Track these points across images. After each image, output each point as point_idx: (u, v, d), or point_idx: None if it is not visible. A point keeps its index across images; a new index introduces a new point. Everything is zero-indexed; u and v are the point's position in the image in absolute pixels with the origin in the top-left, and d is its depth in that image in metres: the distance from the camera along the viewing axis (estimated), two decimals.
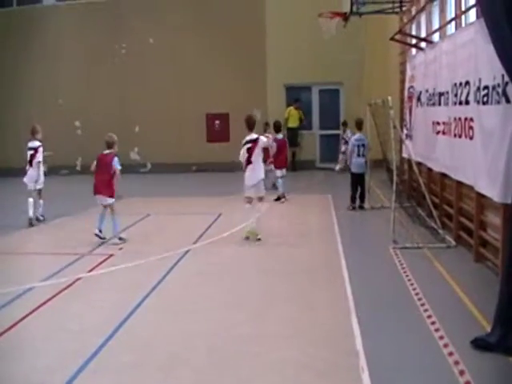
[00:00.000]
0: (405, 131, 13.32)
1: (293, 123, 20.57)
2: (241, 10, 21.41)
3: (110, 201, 10.13)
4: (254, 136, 9.95)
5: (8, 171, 19.88)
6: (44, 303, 6.72)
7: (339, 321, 5.89)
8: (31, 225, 11.75)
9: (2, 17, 23.35)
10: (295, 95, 21.47)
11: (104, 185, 10.15)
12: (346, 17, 15.43)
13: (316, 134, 21.57)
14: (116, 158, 10.25)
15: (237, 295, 6.96)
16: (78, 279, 7.71)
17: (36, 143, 12.25)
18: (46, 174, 12.76)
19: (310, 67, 20.61)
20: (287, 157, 15.19)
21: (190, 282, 7.57)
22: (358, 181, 12.49)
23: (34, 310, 6.47)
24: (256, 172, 9.83)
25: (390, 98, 9.99)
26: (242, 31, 21.33)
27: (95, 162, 10.40)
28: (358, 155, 12.54)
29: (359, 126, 12.80)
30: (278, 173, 13.99)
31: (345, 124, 19.65)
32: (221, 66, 21.46)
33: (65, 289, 7.28)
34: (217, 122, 22.15)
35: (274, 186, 14.24)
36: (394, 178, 9.71)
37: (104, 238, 9.97)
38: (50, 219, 12.30)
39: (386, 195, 12.50)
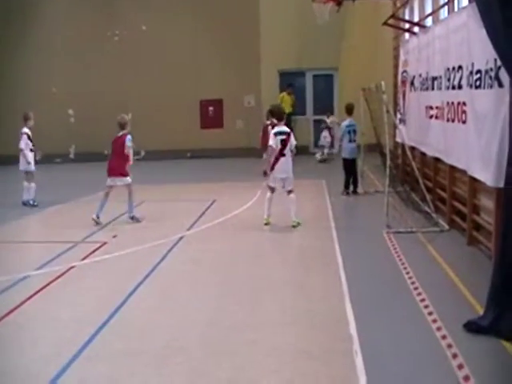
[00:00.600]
0: (398, 116, 13.32)
1: (286, 109, 20.25)
2: None
3: (128, 180, 10.43)
4: (286, 129, 9.94)
5: (5, 158, 19.77)
6: (38, 292, 6.72)
7: (333, 306, 5.91)
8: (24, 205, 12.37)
9: None
10: (289, 81, 21.37)
11: (120, 166, 10.44)
12: (339, 2, 15.33)
13: (310, 119, 21.54)
14: (129, 137, 10.53)
15: (231, 282, 6.97)
16: (72, 267, 7.70)
17: (23, 130, 12.57)
18: (36, 162, 12.83)
19: (304, 53, 20.56)
20: None
21: (184, 269, 7.57)
22: (350, 166, 12.49)
23: (28, 299, 6.46)
24: (289, 165, 9.82)
25: (383, 82, 9.97)
26: (236, 17, 21.21)
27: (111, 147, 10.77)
28: (350, 140, 12.51)
29: (349, 111, 12.74)
30: None
31: (330, 111, 19.68)
32: (214, 53, 21.38)
33: (59, 277, 7.28)
34: (211, 108, 22.10)
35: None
36: (387, 162, 9.71)
37: (101, 224, 10.16)
38: (44, 207, 12.27)
39: (380, 180, 12.50)
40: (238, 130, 21.72)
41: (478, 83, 7.26)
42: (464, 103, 7.94)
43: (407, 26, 12.98)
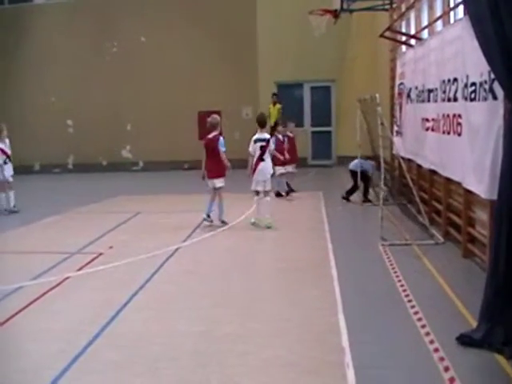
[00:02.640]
0: (395, 128, 13.36)
1: (273, 120, 19.23)
2: (232, 8, 21.41)
3: (220, 183, 10.68)
4: (266, 136, 10.94)
5: None
6: (32, 302, 6.71)
7: (326, 318, 5.89)
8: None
9: None
10: (287, 92, 21.47)
11: (213, 168, 10.68)
12: (336, 14, 15.44)
13: (308, 131, 21.58)
14: (221, 139, 10.70)
15: (224, 293, 6.95)
16: (67, 278, 7.70)
17: None
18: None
19: (301, 64, 20.64)
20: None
21: (178, 281, 7.56)
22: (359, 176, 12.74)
23: (22, 309, 6.45)
24: (268, 169, 10.84)
25: (377, 94, 10.01)
26: (234, 29, 21.33)
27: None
28: None
29: None
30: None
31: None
32: (212, 64, 21.46)
33: (53, 288, 7.27)
34: (209, 119, 22.11)
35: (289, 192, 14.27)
36: (382, 174, 9.72)
37: (211, 222, 10.69)
38: (41, 218, 12.27)
39: (376, 192, 12.51)
40: (235, 141, 21.72)
41: (472, 96, 7.28)
42: (459, 115, 7.96)
43: (404, 38, 13.04)
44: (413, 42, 12.11)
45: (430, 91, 9.89)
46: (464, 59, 7.62)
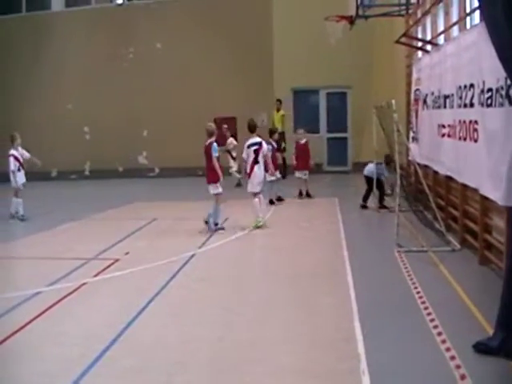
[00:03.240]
0: (411, 134, 13.32)
1: (277, 127, 18.75)
2: (248, 15, 21.48)
3: (214, 190, 10.93)
4: (258, 139, 11.44)
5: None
6: (49, 308, 6.77)
7: (342, 325, 5.89)
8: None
9: (12, 22, 23.58)
10: (302, 99, 21.49)
11: (208, 174, 11.04)
12: (351, 20, 15.42)
13: (323, 137, 21.56)
14: (214, 145, 10.92)
15: (239, 300, 6.97)
16: (84, 284, 7.76)
17: (10, 151, 13.47)
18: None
19: (318, 71, 20.63)
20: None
21: (194, 287, 7.58)
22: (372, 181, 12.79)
23: (39, 315, 6.50)
24: (262, 171, 11.42)
25: (393, 101, 9.98)
26: (250, 35, 21.39)
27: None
28: None
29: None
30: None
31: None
32: (228, 71, 21.53)
33: (70, 293, 7.33)
34: (224, 126, 22.17)
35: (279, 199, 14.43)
36: (398, 181, 9.68)
37: (223, 229, 10.94)
38: (58, 224, 12.38)
39: (393, 198, 12.46)
40: None
41: (489, 101, 7.24)
42: (475, 121, 7.92)
43: (420, 44, 13.01)
44: (429, 47, 12.08)
45: (446, 97, 9.85)
46: (480, 65, 7.58)
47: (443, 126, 10.05)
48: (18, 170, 13.47)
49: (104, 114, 22.22)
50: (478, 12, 8.28)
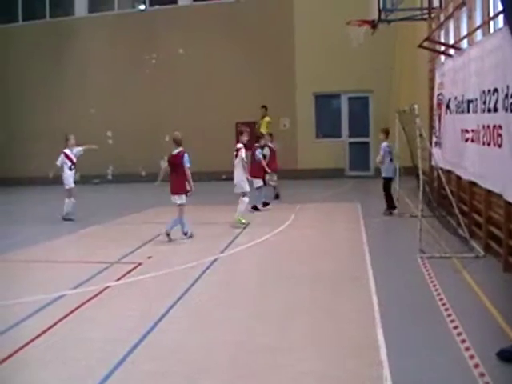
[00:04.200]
0: (434, 139, 13.23)
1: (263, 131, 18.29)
2: (270, 20, 21.55)
3: (179, 200, 10.74)
4: (238, 146, 12.53)
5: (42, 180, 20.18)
6: (72, 311, 6.82)
7: (364, 331, 5.85)
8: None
9: (36, 29, 23.91)
10: (324, 103, 21.51)
11: (174, 184, 10.81)
12: (374, 24, 15.34)
13: (345, 141, 21.51)
14: (186, 155, 10.78)
15: (262, 305, 6.97)
16: (107, 287, 7.81)
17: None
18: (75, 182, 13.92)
19: (339, 75, 20.62)
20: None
21: (216, 292, 7.60)
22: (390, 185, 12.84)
23: (62, 318, 6.56)
24: (238, 173, 12.39)
25: (416, 106, 9.92)
26: (271, 40, 21.44)
27: (166, 164, 11.30)
28: (390, 160, 12.94)
29: (387, 134, 13.20)
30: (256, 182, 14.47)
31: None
32: (250, 75, 21.60)
33: (93, 297, 7.39)
34: (246, 129, 22.20)
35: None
36: (421, 186, 9.62)
37: (191, 236, 10.94)
38: (81, 228, 12.49)
39: (415, 203, 12.38)
40: None
41: None
42: (500, 126, 7.85)
43: (443, 48, 12.92)
44: (452, 52, 11.99)
45: (469, 102, 9.77)
46: (505, 69, 7.52)
47: (466, 131, 9.97)
48: (70, 169, 13.95)
49: (126, 118, 22.40)
50: (501, 16, 8.21)
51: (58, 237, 11.72)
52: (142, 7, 23.15)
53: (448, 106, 11.77)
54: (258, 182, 14.33)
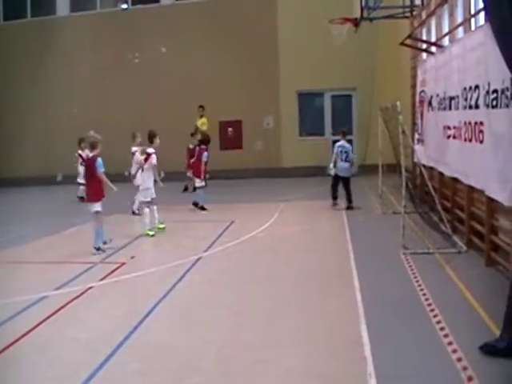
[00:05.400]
0: (416, 136, 13.31)
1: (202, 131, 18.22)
2: (253, 18, 21.53)
3: (95, 208, 9.87)
4: (151, 150, 11.59)
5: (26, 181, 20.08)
6: (56, 312, 6.79)
7: (348, 328, 5.88)
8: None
9: (18, 28, 23.68)
10: (307, 101, 21.54)
11: (90, 191, 9.97)
12: (356, 22, 15.40)
13: (329, 139, 21.53)
14: (99, 160, 9.87)
15: (246, 303, 6.97)
16: (90, 288, 7.77)
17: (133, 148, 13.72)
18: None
19: (322, 73, 20.66)
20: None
21: (200, 290, 7.59)
22: (339, 183, 13.60)
23: (46, 319, 6.53)
24: (144, 179, 11.62)
25: (398, 103, 9.97)
26: (255, 38, 21.42)
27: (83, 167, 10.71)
28: (341, 159, 13.56)
29: (344, 134, 14.05)
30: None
31: None
32: (233, 74, 21.56)
33: (77, 297, 7.35)
34: (230, 129, 22.22)
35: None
36: (403, 183, 9.67)
37: (104, 251, 9.87)
38: (65, 228, 12.40)
39: (399, 200, 12.43)
40: (257, 151, 21.82)
41: (494, 103, 7.24)
42: (481, 123, 7.92)
43: (424, 45, 13.00)
44: (434, 49, 12.07)
45: (451, 99, 9.84)
46: (486, 66, 7.57)
47: (449, 128, 10.04)
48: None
49: (109, 117, 22.23)
50: (482, 13, 8.27)
51: (39, 237, 11.61)
52: (125, 6, 23.03)
53: (430, 103, 11.84)
54: (200, 182, 14.42)
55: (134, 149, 13.86)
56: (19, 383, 5.05)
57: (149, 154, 11.53)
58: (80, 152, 15.66)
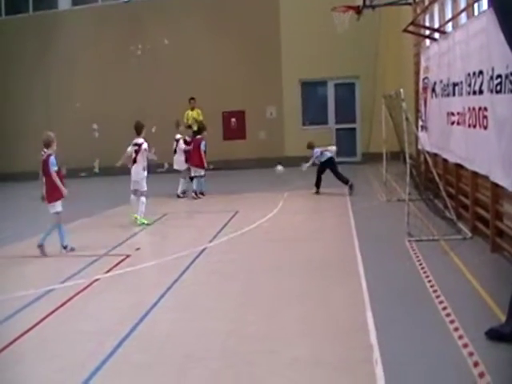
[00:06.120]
0: (420, 122, 13.26)
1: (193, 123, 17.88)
2: (255, 7, 21.44)
3: (54, 209, 9.47)
4: (139, 141, 11.88)
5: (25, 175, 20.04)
6: (62, 305, 6.81)
7: (354, 315, 5.88)
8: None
9: (19, 22, 23.65)
10: (311, 90, 21.48)
11: (47, 191, 9.47)
12: (359, 10, 15.32)
13: (332, 128, 21.49)
14: (52, 158, 9.37)
15: (251, 293, 6.97)
16: (96, 280, 7.79)
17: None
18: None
19: (325, 62, 20.59)
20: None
21: (205, 281, 7.60)
22: (324, 171, 14.13)
23: (52, 312, 6.55)
24: (137, 170, 11.84)
25: (402, 90, 9.93)
26: (257, 28, 21.35)
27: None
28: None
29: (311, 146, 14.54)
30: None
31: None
32: (236, 64, 21.50)
33: (83, 290, 7.37)
34: (233, 119, 22.19)
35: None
36: (408, 170, 9.65)
37: (73, 249, 9.63)
38: (69, 221, 12.39)
39: (403, 188, 12.41)
40: (260, 140, 21.79)
41: (498, 88, 7.18)
42: (485, 108, 7.87)
43: (427, 32, 12.92)
44: (437, 35, 12.00)
45: (455, 85, 9.79)
46: (489, 51, 7.52)
47: (452, 114, 9.99)
48: (175, 151, 15.35)
49: (112, 110, 22.24)
50: None
51: (43, 231, 11.60)
52: None
53: (434, 90, 11.78)
54: (200, 172, 14.90)
55: (177, 136, 14.84)
56: (27, 375, 5.07)
57: (139, 145, 11.84)
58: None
